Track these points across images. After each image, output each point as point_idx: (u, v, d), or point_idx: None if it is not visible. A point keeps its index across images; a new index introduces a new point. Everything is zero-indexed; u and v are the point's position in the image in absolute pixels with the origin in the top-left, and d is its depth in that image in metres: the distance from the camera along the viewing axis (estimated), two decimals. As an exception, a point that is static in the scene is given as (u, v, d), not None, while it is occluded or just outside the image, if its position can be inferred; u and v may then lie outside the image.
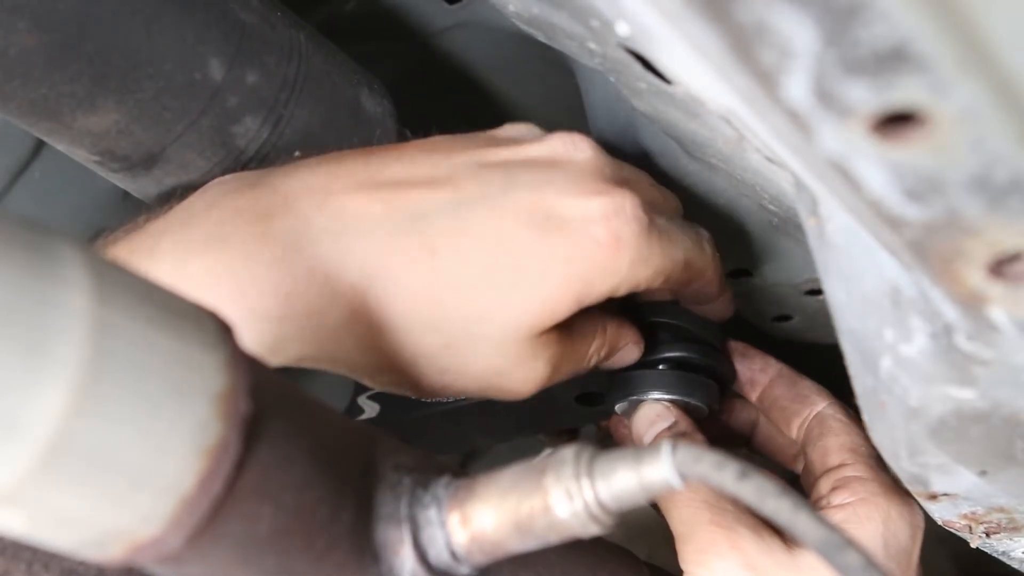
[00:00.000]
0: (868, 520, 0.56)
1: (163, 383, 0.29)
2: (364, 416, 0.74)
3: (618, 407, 0.66)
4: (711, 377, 0.65)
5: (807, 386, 0.65)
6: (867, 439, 0.59)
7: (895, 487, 0.57)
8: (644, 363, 0.64)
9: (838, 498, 0.57)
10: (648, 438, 0.63)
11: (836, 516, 0.56)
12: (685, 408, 0.64)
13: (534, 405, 0.69)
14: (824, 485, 0.59)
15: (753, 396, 0.67)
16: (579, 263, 0.50)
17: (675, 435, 0.62)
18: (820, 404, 0.63)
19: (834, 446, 0.61)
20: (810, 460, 0.62)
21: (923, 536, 0.58)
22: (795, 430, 0.65)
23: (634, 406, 0.65)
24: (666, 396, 0.63)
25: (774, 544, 0.55)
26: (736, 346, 0.67)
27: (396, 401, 0.73)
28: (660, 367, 0.64)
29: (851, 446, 0.60)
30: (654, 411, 0.63)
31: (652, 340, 0.64)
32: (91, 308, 0.28)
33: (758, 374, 0.67)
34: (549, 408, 0.70)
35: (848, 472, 0.58)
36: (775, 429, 0.68)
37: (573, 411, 0.70)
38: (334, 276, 0.48)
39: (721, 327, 0.66)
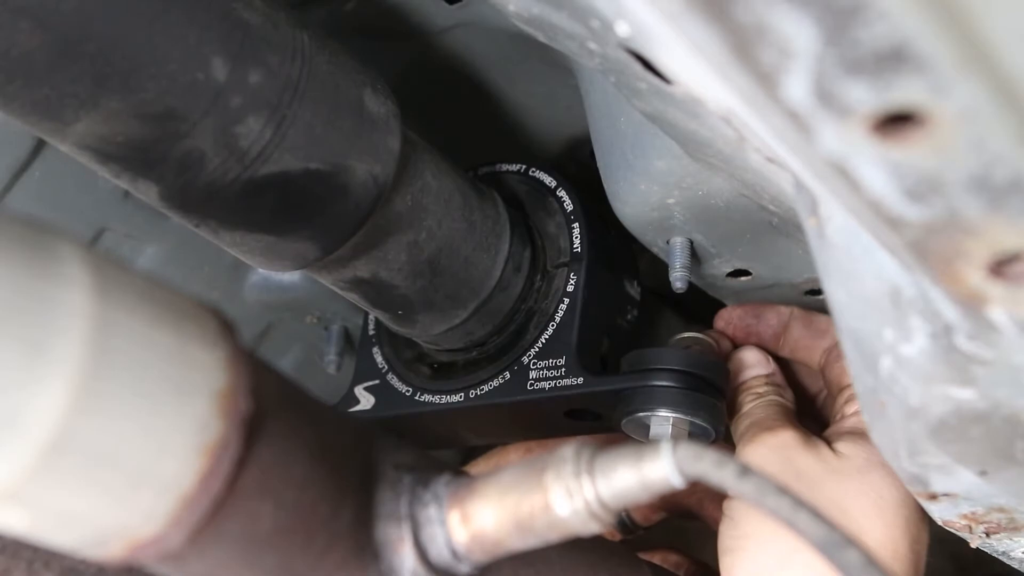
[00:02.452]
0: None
1: (164, 381, 0.29)
2: (359, 407, 0.74)
3: (625, 423, 0.66)
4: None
5: (823, 320, 0.70)
6: None
7: None
8: (651, 385, 0.64)
9: (850, 408, 0.64)
10: (748, 374, 0.69)
11: (848, 423, 0.63)
12: (689, 429, 0.64)
13: (523, 416, 0.70)
14: (840, 400, 0.66)
15: (779, 348, 0.72)
16: None
17: (771, 382, 0.68)
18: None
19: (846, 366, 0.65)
20: (828, 382, 0.69)
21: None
22: (817, 362, 0.70)
23: (641, 421, 0.65)
24: (672, 414, 0.63)
25: (821, 445, 0.61)
26: (748, 308, 0.71)
27: (390, 396, 0.73)
28: (671, 385, 0.64)
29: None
30: (756, 357, 0.69)
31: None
32: (92, 306, 0.28)
33: (776, 325, 0.71)
34: (538, 420, 0.71)
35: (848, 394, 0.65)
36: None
37: (562, 424, 0.70)
38: None
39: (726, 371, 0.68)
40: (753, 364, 0.70)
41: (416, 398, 0.73)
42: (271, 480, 0.33)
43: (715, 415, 0.64)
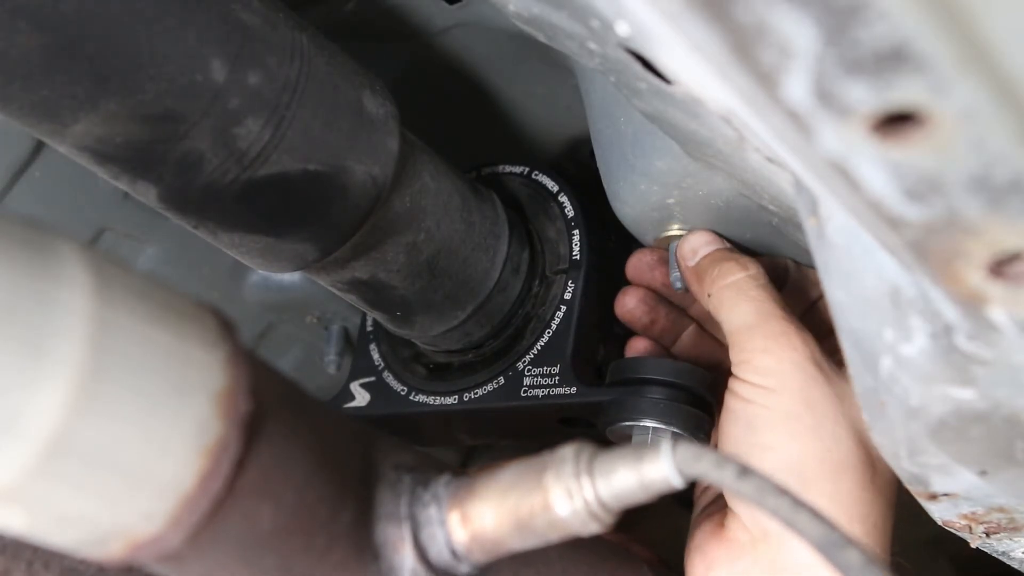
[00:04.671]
0: None
1: (163, 381, 0.29)
2: (354, 403, 0.74)
3: (609, 432, 0.66)
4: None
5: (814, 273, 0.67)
6: None
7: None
8: (639, 392, 0.64)
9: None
10: (704, 251, 0.65)
11: None
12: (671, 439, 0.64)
13: (519, 420, 0.70)
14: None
15: None
16: None
17: (718, 252, 0.64)
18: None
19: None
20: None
21: (919, 534, 0.59)
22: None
23: (624, 432, 0.65)
24: (653, 424, 0.63)
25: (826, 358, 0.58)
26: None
27: (385, 394, 0.73)
28: (654, 397, 0.64)
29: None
30: (701, 239, 0.64)
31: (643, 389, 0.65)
32: (91, 307, 0.28)
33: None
34: (531, 426, 0.71)
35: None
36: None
37: (555, 430, 0.70)
38: None
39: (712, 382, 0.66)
40: (708, 240, 0.65)
41: (411, 398, 0.73)
42: (271, 481, 0.33)
43: (697, 424, 0.64)
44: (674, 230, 0.67)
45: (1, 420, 0.27)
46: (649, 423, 0.63)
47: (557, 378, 0.68)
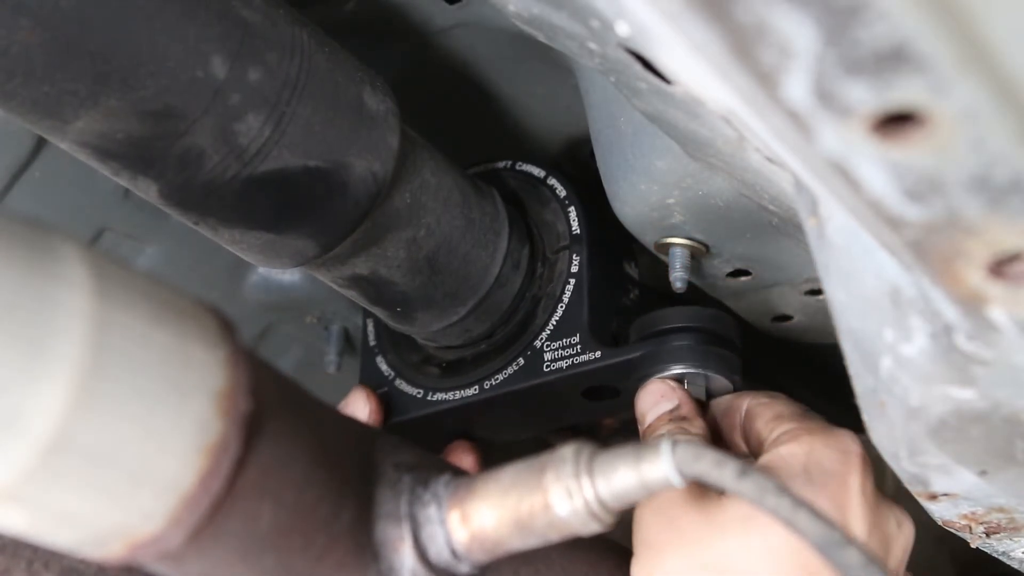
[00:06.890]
0: (789, 456, 0.55)
1: (163, 381, 0.29)
2: None
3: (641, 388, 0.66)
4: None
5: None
6: (790, 405, 0.60)
7: (824, 426, 0.57)
8: (665, 342, 0.64)
9: (765, 458, 0.57)
10: (651, 417, 0.63)
11: (760, 460, 0.56)
12: (707, 381, 0.64)
13: (540, 401, 0.70)
14: (764, 460, 0.58)
15: None
16: None
17: (675, 418, 0.62)
18: (743, 403, 0.62)
19: (761, 424, 0.60)
20: (751, 448, 0.61)
21: (919, 534, 0.58)
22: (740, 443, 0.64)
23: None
24: (686, 369, 0.63)
25: (710, 498, 0.55)
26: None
27: (401, 401, 0.73)
28: (682, 343, 0.64)
29: (774, 416, 0.59)
30: (659, 390, 0.63)
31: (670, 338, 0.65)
32: (91, 306, 0.28)
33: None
34: (555, 404, 0.71)
35: (774, 434, 0.58)
36: None
37: (580, 406, 0.70)
38: None
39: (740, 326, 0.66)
40: (656, 402, 0.63)
41: (428, 398, 0.73)
42: (271, 480, 0.33)
43: (729, 365, 0.64)
44: (673, 238, 0.67)
45: (2, 419, 0.27)
46: (680, 369, 0.63)
47: (579, 347, 0.68)
